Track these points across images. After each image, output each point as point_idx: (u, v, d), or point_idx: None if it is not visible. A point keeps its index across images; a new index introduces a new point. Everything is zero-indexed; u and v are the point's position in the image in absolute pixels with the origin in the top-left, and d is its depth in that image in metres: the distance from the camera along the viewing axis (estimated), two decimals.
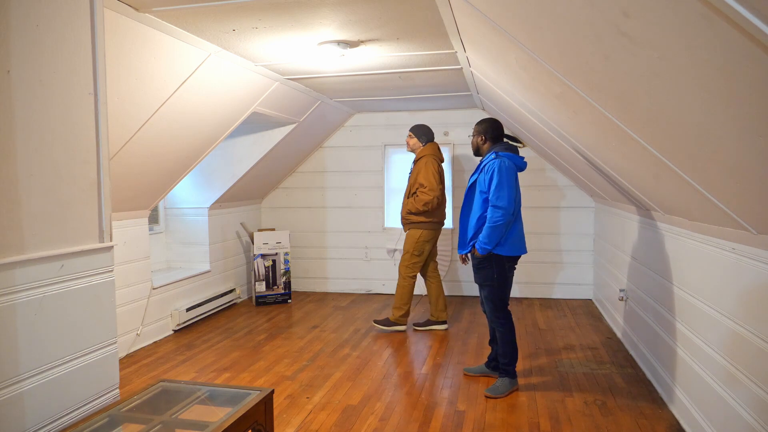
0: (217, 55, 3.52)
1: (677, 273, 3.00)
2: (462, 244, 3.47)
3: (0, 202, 2.22)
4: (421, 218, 4.64)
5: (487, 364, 3.67)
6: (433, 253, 4.84)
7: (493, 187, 3.22)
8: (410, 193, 4.69)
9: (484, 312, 3.58)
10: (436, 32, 3.19)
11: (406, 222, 4.74)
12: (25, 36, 2.26)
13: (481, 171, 3.36)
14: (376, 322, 4.76)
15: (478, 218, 3.32)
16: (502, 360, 3.40)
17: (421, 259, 4.71)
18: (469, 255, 3.49)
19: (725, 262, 2.32)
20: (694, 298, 2.71)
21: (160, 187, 4.35)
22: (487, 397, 3.31)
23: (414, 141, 4.74)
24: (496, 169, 3.24)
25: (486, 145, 3.46)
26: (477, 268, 3.40)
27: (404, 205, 4.72)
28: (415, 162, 4.73)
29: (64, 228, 2.56)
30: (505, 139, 3.54)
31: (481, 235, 3.27)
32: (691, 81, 1.30)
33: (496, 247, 3.26)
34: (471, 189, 3.45)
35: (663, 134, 1.84)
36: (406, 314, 4.73)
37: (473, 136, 3.52)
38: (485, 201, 3.30)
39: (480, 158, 3.52)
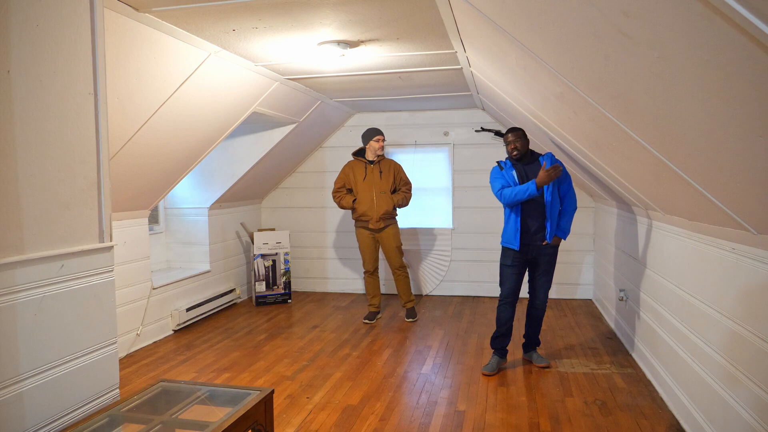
0: (217, 55, 3.52)
1: (677, 273, 3.00)
2: (549, 235, 3.71)
3: (0, 202, 2.22)
4: (396, 213, 5.08)
5: (502, 354, 3.84)
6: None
7: (569, 180, 3.73)
8: (393, 190, 5.00)
9: (508, 303, 3.78)
10: (436, 32, 3.19)
11: (388, 217, 4.95)
12: (25, 36, 2.26)
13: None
14: (410, 319, 5.05)
15: (557, 210, 3.71)
16: (535, 341, 3.92)
17: None
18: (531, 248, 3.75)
19: (725, 262, 2.32)
20: (694, 298, 2.71)
21: (160, 187, 4.35)
22: (544, 367, 3.78)
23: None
24: (563, 164, 3.64)
25: (529, 147, 3.77)
26: (551, 257, 3.79)
27: (389, 200, 4.92)
28: (378, 162, 4.99)
29: (64, 228, 2.56)
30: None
31: (567, 223, 3.74)
32: (691, 81, 1.30)
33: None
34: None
35: (663, 134, 1.84)
36: None
37: (522, 139, 3.68)
38: (560, 194, 3.73)
39: (522, 161, 3.72)
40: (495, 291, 3.87)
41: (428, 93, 5.11)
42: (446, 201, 6.14)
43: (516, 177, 3.66)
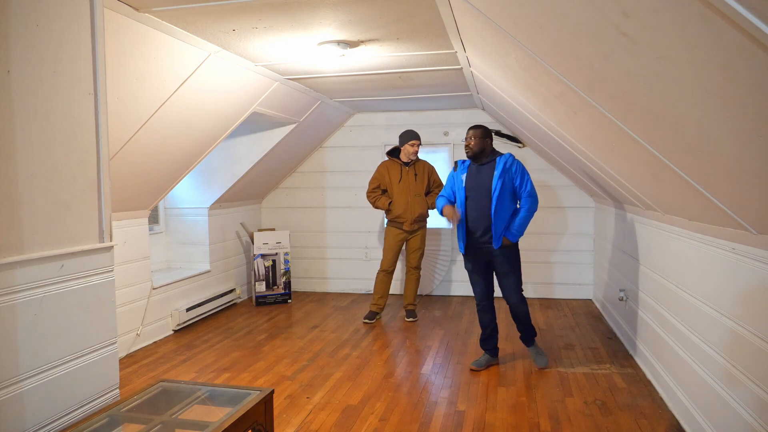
0: (217, 55, 3.52)
1: (677, 273, 3.00)
2: (495, 239, 3.64)
3: (0, 202, 2.22)
4: (428, 215, 5.13)
5: (492, 352, 3.88)
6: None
7: (526, 181, 3.62)
8: (426, 192, 5.08)
9: (483, 307, 3.82)
10: (436, 32, 3.19)
11: (422, 219, 5.06)
12: (25, 36, 2.26)
13: (505, 170, 3.60)
14: (411, 319, 5.09)
15: (509, 213, 3.63)
16: (529, 334, 3.84)
17: None
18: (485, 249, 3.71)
19: (725, 262, 2.32)
20: (693, 298, 2.71)
21: (160, 187, 4.35)
22: (543, 368, 3.74)
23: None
24: (519, 166, 3.64)
25: (489, 148, 3.71)
26: (506, 259, 3.66)
27: (424, 203, 5.00)
28: (413, 164, 5.03)
29: (64, 228, 2.56)
30: (506, 140, 3.70)
31: (517, 225, 3.62)
32: (691, 81, 1.30)
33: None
34: (485, 189, 3.62)
35: (663, 134, 1.84)
36: None
37: (478, 138, 3.66)
38: (513, 196, 3.63)
39: (477, 161, 3.70)
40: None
41: (428, 93, 5.11)
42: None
43: (463, 181, 3.69)
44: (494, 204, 3.58)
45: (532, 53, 2.15)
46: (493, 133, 3.79)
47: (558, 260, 5.91)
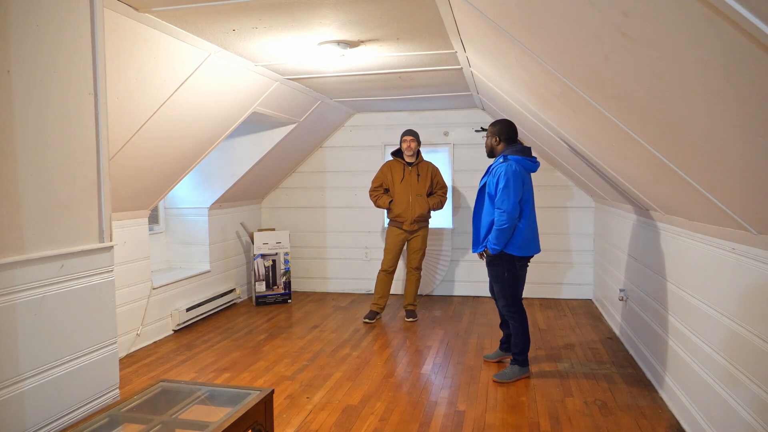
0: (217, 55, 3.52)
1: (677, 273, 3.00)
2: (475, 243, 3.64)
3: (0, 202, 2.22)
4: (430, 216, 5.13)
5: (501, 347, 3.89)
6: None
7: (499, 191, 3.36)
8: (429, 193, 5.07)
9: (493, 297, 3.80)
10: (436, 32, 3.19)
11: (422, 220, 5.04)
12: (25, 36, 2.26)
13: (490, 174, 3.49)
14: (410, 319, 5.08)
15: (489, 219, 3.47)
16: (514, 350, 3.59)
17: None
18: (482, 253, 3.67)
19: (725, 262, 2.32)
20: (694, 298, 2.72)
21: (160, 187, 4.35)
22: (495, 381, 3.52)
23: (416, 145, 5.05)
24: (502, 173, 3.36)
25: (500, 146, 3.57)
26: (489, 266, 3.59)
27: (425, 203, 4.99)
28: (417, 164, 5.03)
29: (64, 228, 2.56)
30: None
31: (490, 236, 3.44)
32: (692, 81, 1.30)
33: (506, 247, 3.44)
34: (482, 190, 3.59)
35: (663, 134, 1.84)
36: None
37: (487, 136, 3.61)
38: (494, 203, 3.44)
39: (493, 159, 3.64)
40: None
41: (428, 93, 5.11)
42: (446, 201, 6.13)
43: None
44: (476, 206, 3.61)
45: (532, 53, 2.15)
46: (506, 131, 3.51)
47: (558, 260, 5.91)
